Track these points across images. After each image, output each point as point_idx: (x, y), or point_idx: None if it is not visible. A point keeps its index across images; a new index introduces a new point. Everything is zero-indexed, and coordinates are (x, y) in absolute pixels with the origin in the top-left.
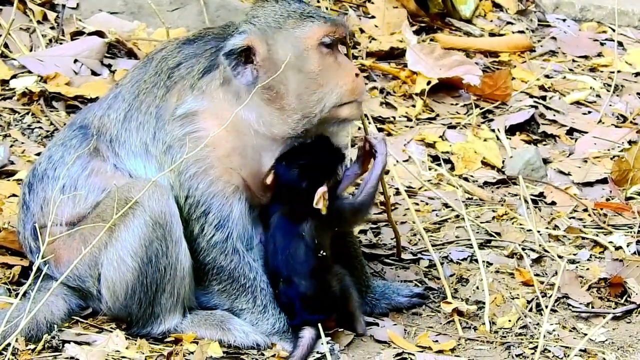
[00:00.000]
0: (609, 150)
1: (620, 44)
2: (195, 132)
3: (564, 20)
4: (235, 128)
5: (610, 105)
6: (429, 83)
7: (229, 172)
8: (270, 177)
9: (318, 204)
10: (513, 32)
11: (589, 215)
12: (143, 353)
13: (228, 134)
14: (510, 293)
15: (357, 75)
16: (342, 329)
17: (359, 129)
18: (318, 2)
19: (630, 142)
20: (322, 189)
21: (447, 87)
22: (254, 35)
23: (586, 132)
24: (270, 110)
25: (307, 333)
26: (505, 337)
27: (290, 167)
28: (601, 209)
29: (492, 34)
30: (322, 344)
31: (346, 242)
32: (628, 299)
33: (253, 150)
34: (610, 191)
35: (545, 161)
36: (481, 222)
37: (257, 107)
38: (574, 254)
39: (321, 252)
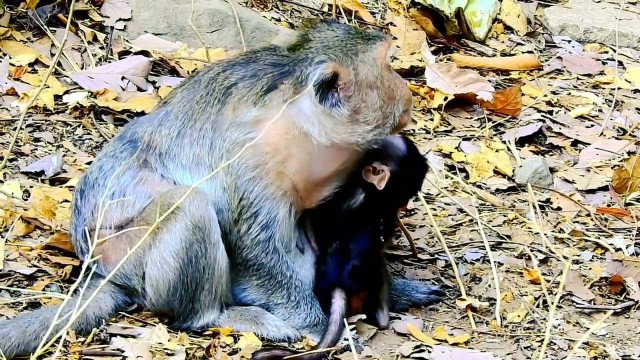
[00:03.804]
0: (609, 160)
1: (620, 63)
2: (255, 138)
3: (569, 41)
4: (296, 138)
5: (611, 119)
6: (445, 99)
7: (282, 177)
8: (385, 181)
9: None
10: (523, 52)
11: (592, 219)
12: (183, 345)
13: (288, 142)
14: (519, 291)
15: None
16: (364, 317)
17: None
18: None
19: (629, 153)
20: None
21: (462, 103)
22: (335, 62)
23: (589, 144)
24: (339, 123)
25: (337, 306)
26: (514, 331)
27: (407, 172)
28: (602, 214)
29: (503, 54)
30: (346, 338)
31: None
32: (627, 296)
33: (310, 157)
34: (611, 198)
35: (552, 170)
36: (493, 226)
37: (324, 122)
38: (578, 255)
39: (381, 237)
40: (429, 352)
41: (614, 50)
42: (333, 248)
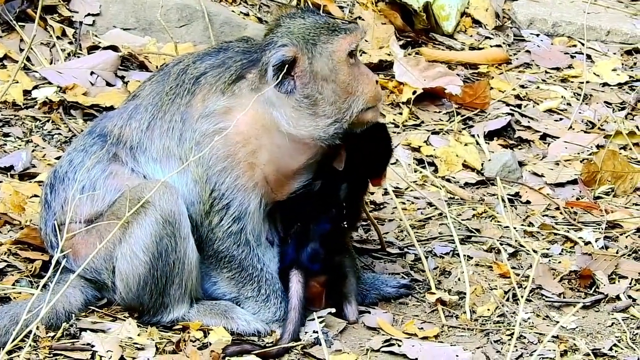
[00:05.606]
0: (578, 154)
1: (588, 56)
2: (227, 128)
3: (538, 35)
4: (266, 127)
5: (579, 112)
6: (414, 93)
7: (253, 168)
8: (342, 161)
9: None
10: (491, 46)
11: (561, 213)
12: (153, 340)
13: (258, 132)
14: (489, 284)
15: (376, 82)
16: (333, 311)
17: None
18: None
19: (598, 147)
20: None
21: (431, 97)
22: (296, 48)
23: (558, 137)
24: (303, 116)
25: (294, 291)
26: (484, 324)
27: (364, 153)
28: (572, 208)
29: (472, 48)
30: (315, 331)
31: None
32: (596, 289)
33: (279, 149)
34: (580, 191)
35: (521, 164)
36: (462, 220)
37: (290, 112)
38: (547, 249)
39: (344, 222)
40: (399, 346)
41: (582, 44)
42: (294, 230)
